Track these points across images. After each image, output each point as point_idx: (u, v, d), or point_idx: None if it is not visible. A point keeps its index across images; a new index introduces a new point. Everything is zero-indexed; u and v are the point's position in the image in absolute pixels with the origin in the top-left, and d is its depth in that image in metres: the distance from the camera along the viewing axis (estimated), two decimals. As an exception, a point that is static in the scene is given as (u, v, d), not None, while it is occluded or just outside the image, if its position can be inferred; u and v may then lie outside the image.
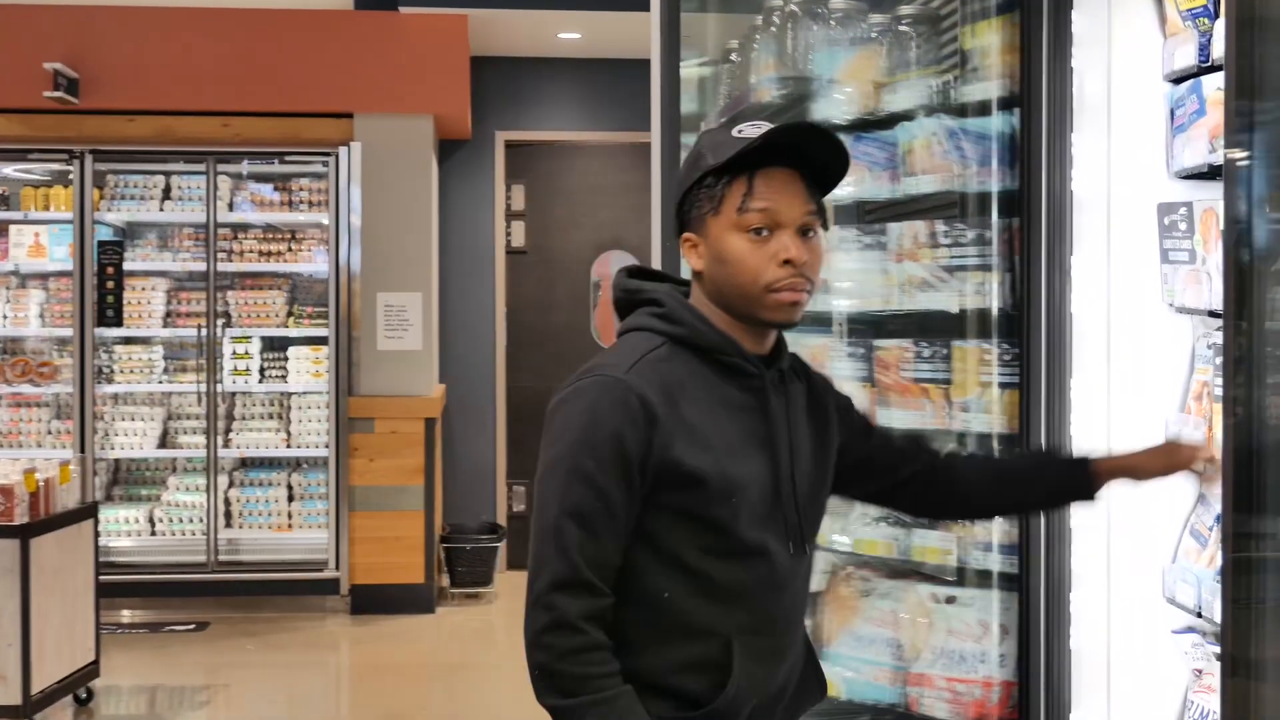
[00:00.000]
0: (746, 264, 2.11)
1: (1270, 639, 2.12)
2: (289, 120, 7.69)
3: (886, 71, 3.37)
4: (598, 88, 8.80)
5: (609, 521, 2.06)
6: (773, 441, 2.17)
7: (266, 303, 7.87)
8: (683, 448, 2.06)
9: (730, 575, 2.12)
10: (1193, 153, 2.76)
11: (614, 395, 2.06)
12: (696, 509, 2.09)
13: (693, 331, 2.16)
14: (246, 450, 7.85)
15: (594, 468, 2.04)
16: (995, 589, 3.19)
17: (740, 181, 2.12)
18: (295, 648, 7.17)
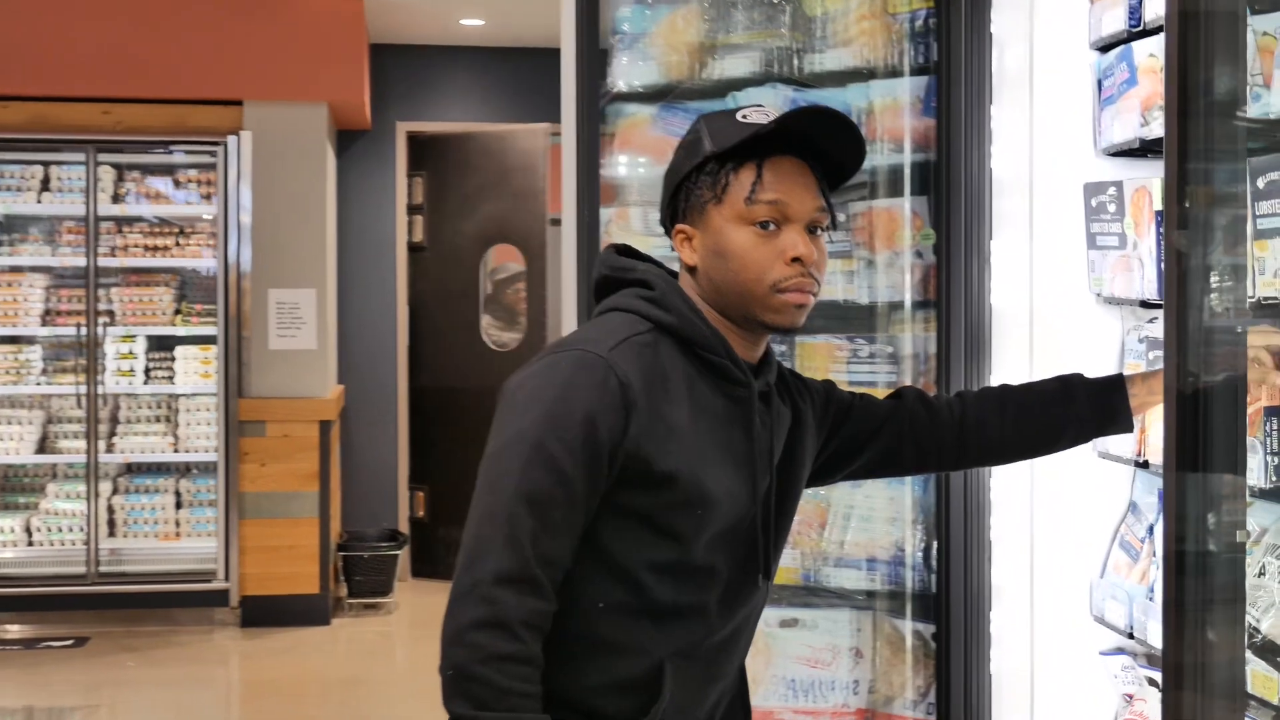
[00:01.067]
0: (751, 259, 1.93)
1: (1217, 649, 1.87)
2: (175, 107, 7.33)
3: (708, 33, 3.10)
4: (502, 77, 8.52)
5: (568, 514, 1.83)
6: (752, 460, 1.97)
7: (153, 300, 7.50)
8: (657, 445, 1.86)
9: (676, 595, 1.91)
10: (1123, 126, 2.52)
11: (593, 374, 1.85)
12: (657, 515, 1.89)
13: (683, 321, 1.94)
14: (131, 455, 7.49)
15: (560, 451, 1.82)
16: (846, 609, 2.95)
17: (749, 169, 1.94)
18: (181, 663, 6.83)
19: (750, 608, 2.03)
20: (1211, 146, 1.80)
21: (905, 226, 2.88)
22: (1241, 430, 1.88)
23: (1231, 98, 1.80)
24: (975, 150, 2.62)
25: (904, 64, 2.88)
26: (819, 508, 3.05)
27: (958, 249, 2.62)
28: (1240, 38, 1.80)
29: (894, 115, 2.92)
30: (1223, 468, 1.82)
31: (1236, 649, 1.85)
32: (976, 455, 2.29)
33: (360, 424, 8.45)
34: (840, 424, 2.18)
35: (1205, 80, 1.80)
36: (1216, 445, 1.81)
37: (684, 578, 1.92)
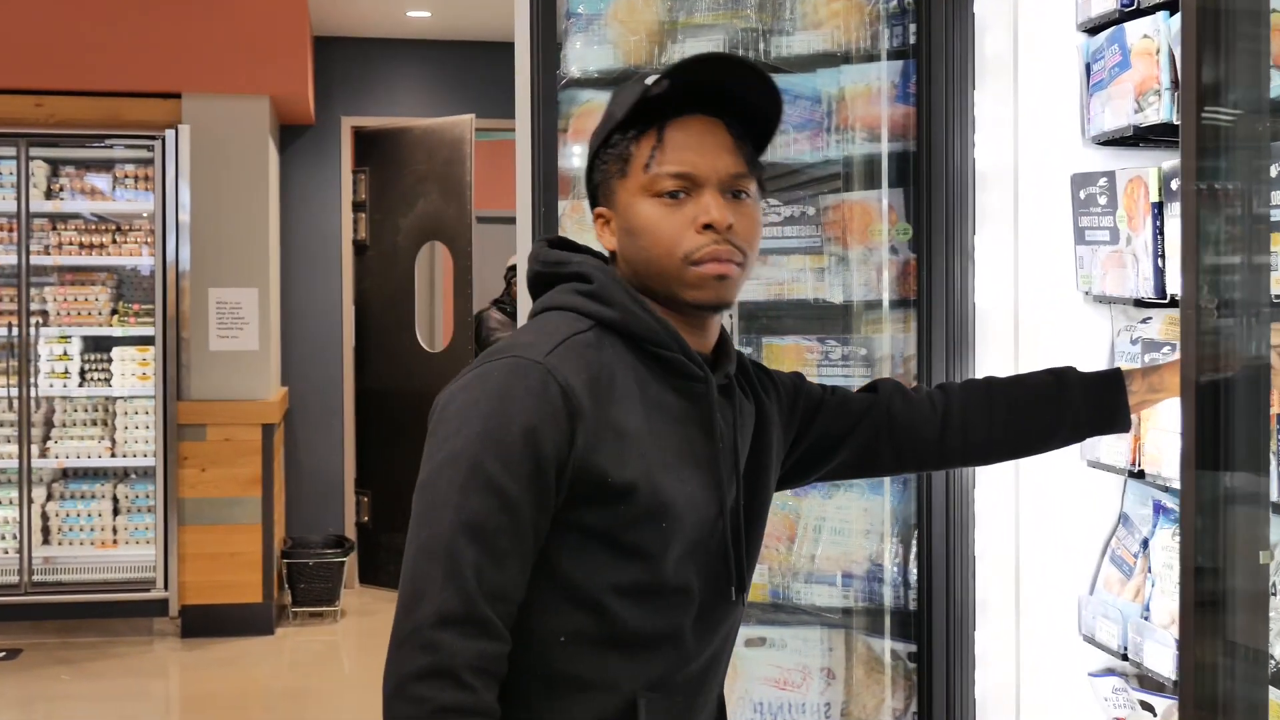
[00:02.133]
0: (659, 232, 1.75)
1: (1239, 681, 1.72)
2: (110, 100, 7.08)
3: (667, 14, 2.93)
4: (449, 70, 8.32)
5: (516, 542, 1.63)
6: (716, 462, 1.77)
7: (88, 299, 7.26)
8: (609, 454, 1.68)
9: (647, 621, 1.73)
10: (1114, 113, 2.37)
11: (529, 382, 1.66)
12: (618, 532, 1.70)
13: (625, 314, 1.75)
14: (66, 460, 7.24)
15: (500, 471, 1.63)
16: (818, 627, 2.79)
17: (649, 136, 1.77)
18: (118, 676, 6.61)
19: (728, 628, 1.84)
20: (1233, 134, 1.64)
21: (880, 220, 2.72)
22: (1265, 441, 1.72)
23: (1255, 82, 1.64)
24: (957, 139, 2.46)
25: (878, 48, 2.72)
26: (788, 520, 2.88)
27: (939, 245, 2.46)
28: (1265, 14, 1.64)
29: (867, 102, 2.76)
30: (1246, 481, 1.66)
31: (1259, 681, 1.69)
32: (961, 454, 2.09)
33: (305, 427, 8.22)
34: (811, 420, 2.00)
35: (1226, 64, 1.64)
36: (1238, 457, 1.66)
37: (655, 601, 1.73)
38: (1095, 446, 2.43)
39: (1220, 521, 1.73)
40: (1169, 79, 2.22)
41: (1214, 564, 1.73)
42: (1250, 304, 1.73)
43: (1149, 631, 2.28)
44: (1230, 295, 1.74)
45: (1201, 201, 1.72)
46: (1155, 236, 2.25)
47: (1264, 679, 1.75)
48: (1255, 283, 1.76)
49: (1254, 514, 1.78)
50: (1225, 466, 1.73)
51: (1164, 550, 2.33)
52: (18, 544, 7.09)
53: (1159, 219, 2.24)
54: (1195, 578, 1.70)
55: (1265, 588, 1.70)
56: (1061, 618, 2.49)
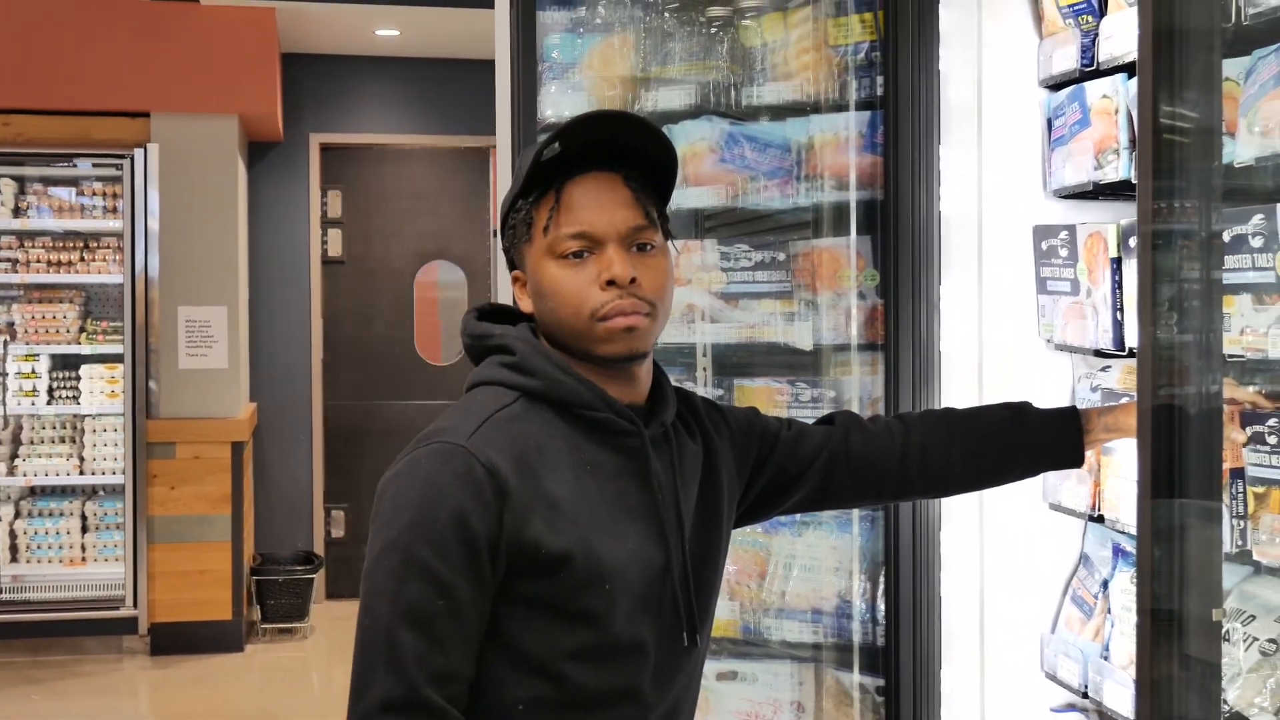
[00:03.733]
0: (565, 292, 1.77)
1: None
2: (79, 119, 7.08)
3: (640, 66, 2.99)
4: (418, 89, 8.35)
5: (454, 624, 1.67)
6: (658, 512, 1.80)
7: (56, 317, 7.25)
8: (541, 526, 1.70)
9: (603, 681, 1.76)
10: (1074, 169, 2.44)
11: (454, 466, 1.69)
12: (562, 600, 1.72)
13: (548, 383, 1.78)
14: (34, 478, 7.23)
15: (432, 557, 1.66)
16: (788, 661, 2.85)
17: (548, 198, 1.79)
18: (87, 694, 6.60)
19: (687, 674, 1.87)
20: (1186, 197, 1.71)
21: (848, 266, 2.78)
22: (1217, 493, 1.80)
23: (1207, 148, 1.72)
24: (923, 189, 2.53)
25: (846, 98, 2.79)
26: (758, 557, 2.94)
27: (905, 291, 2.53)
28: (1215, 80, 1.72)
29: (835, 151, 2.82)
30: (1199, 534, 1.74)
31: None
32: (921, 485, 2.12)
33: (274, 444, 8.23)
34: (768, 455, 2.02)
35: (1179, 128, 1.71)
36: (1192, 510, 1.73)
37: (609, 661, 1.76)
38: (1057, 490, 2.51)
39: (1175, 568, 1.80)
40: (1127, 138, 2.30)
41: (1170, 607, 1.80)
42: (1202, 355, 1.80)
43: (1108, 671, 2.35)
44: (1184, 344, 1.81)
45: (1157, 253, 1.79)
46: (1114, 290, 2.32)
47: None
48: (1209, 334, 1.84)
49: (1208, 562, 1.85)
50: (1180, 516, 1.80)
51: (1123, 592, 2.40)
52: (-14, 562, 7.09)
53: (1118, 273, 2.32)
54: (1152, 621, 1.77)
55: (1218, 641, 1.78)
56: (1024, 655, 2.57)
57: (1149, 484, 1.74)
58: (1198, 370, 1.83)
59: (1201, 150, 1.79)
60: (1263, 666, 2.03)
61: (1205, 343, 1.82)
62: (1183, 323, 1.82)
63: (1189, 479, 1.80)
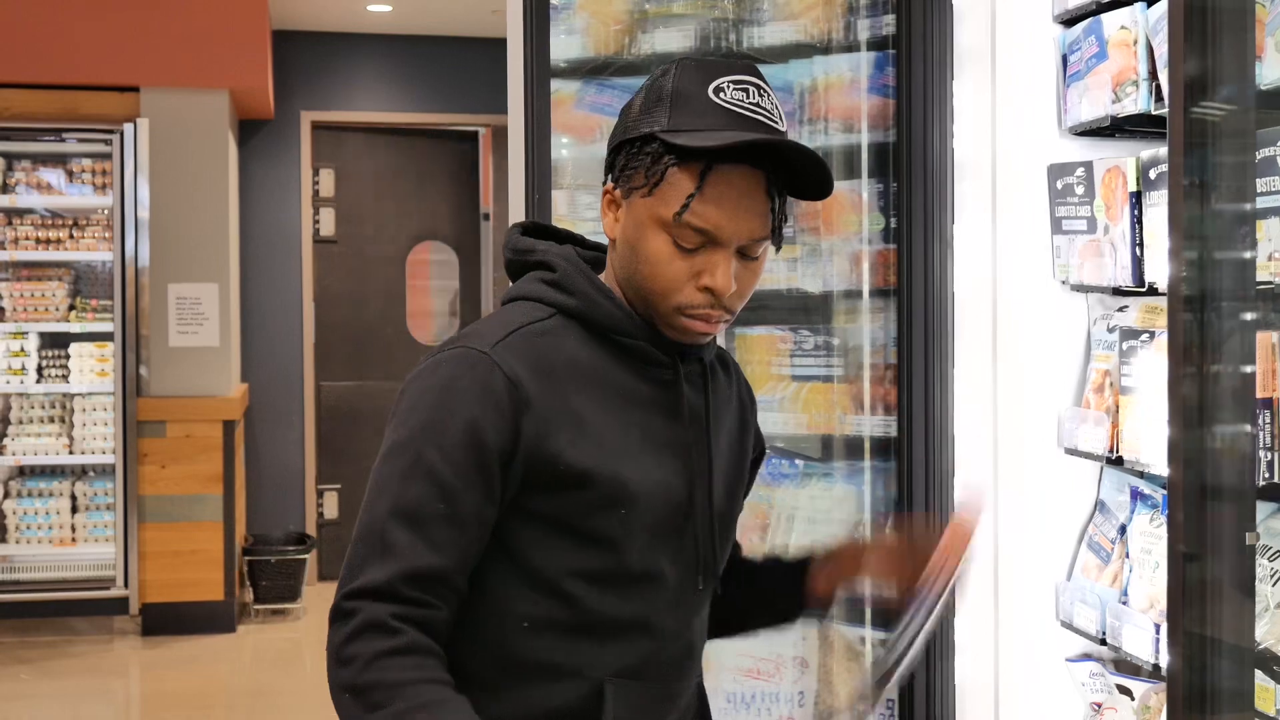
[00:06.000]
0: (660, 272, 1.68)
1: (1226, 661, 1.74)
2: (67, 94, 7.00)
3: (636, 3, 2.92)
4: (411, 67, 8.29)
5: (452, 530, 1.63)
6: (686, 446, 1.75)
7: (45, 295, 7.18)
8: (563, 439, 1.66)
9: (612, 607, 1.71)
10: (1091, 104, 2.39)
11: (475, 374, 1.66)
12: (576, 519, 1.68)
13: (587, 304, 1.73)
14: (23, 458, 7.16)
15: (440, 461, 1.63)
16: None
17: (691, 173, 1.64)
18: (78, 675, 6.54)
19: (701, 620, 1.83)
20: (1219, 124, 1.66)
21: (855, 211, 2.73)
22: (1251, 425, 1.74)
23: (1241, 71, 1.67)
24: (936, 130, 2.47)
25: (851, 39, 2.73)
26: (759, 509, 2.88)
27: (918, 234, 2.47)
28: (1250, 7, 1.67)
29: (840, 93, 2.76)
30: (1232, 466, 1.69)
31: (1245, 663, 1.71)
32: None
33: (265, 424, 8.17)
34: None
35: (1212, 60, 1.66)
36: (1224, 442, 1.68)
37: (623, 587, 1.71)
38: (1073, 434, 2.45)
39: (1207, 507, 1.76)
40: (1146, 69, 2.24)
41: (1199, 550, 1.75)
42: (1235, 291, 1.75)
43: (1127, 616, 2.30)
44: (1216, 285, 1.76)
45: (1188, 193, 1.74)
46: (1133, 226, 2.27)
47: (1250, 662, 1.78)
48: (1239, 272, 1.79)
49: (1239, 489, 1.80)
50: (1211, 445, 1.75)
51: (1141, 536, 2.35)
52: (-25, 543, 7.03)
53: (1137, 208, 2.27)
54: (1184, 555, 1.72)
55: (1251, 570, 1.73)
56: (1039, 604, 2.52)
57: (1180, 412, 1.69)
58: (1230, 297, 1.78)
59: (1235, 69, 1.75)
60: (1291, 603, 1.98)
61: (1238, 275, 1.78)
62: (1214, 247, 1.77)
63: (1220, 408, 1.75)
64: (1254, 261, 1.82)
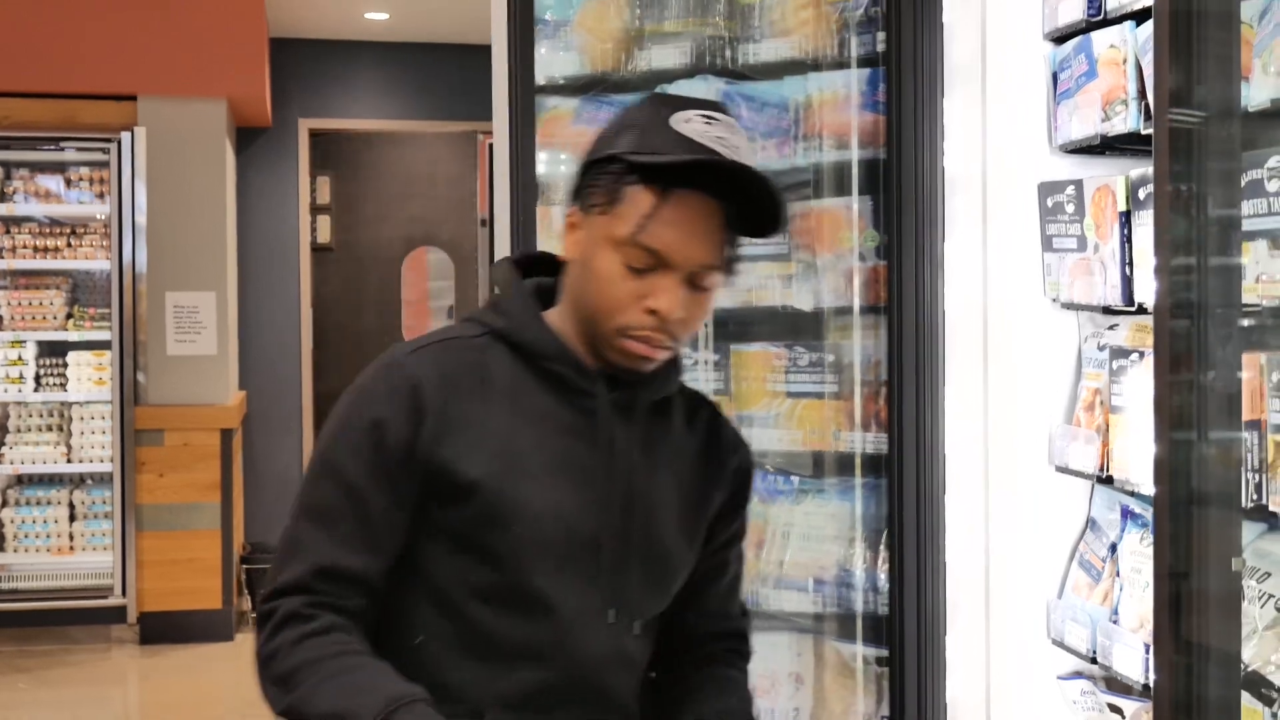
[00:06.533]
0: (608, 292, 1.69)
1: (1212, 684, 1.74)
2: (64, 102, 7.00)
3: (632, 21, 2.93)
4: (408, 74, 8.29)
5: (360, 527, 1.67)
6: (600, 476, 1.74)
7: (43, 303, 7.18)
8: (455, 448, 1.69)
9: (502, 628, 1.71)
10: (1081, 122, 2.39)
11: (385, 379, 1.73)
12: (469, 533, 1.70)
13: (514, 326, 1.76)
14: (21, 466, 7.15)
15: (346, 460, 1.70)
16: (786, 632, 2.80)
17: (648, 196, 1.66)
18: (76, 684, 6.52)
19: (611, 655, 1.76)
20: (1205, 144, 1.66)
21: (848, 228, 2.73)
22: (1236, 446, 1.74)
23: (1227, 91, 1.67)
24: (926, 147, 2.47)
25: (845, 56, 2.73)
26: (755, 525, 2.88)
27: (909, 251, 2.47)
28: (1235, 25, 1.67)
29: (834, 109, 2.77)
30: (1218, 488, 1.69)
31: (1232, 685, 1.71)
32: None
33: (263, 431, 8.17)
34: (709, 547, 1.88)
35: (1198, 74, 1.66)
36: (1211, 464, 1.68)
37: (511, 607, 1.71)
38: (1064, 452, 2.45)
39: (1193, 527, 1.75)
40: (1135, 88, 2.24)
41: (1186, 569, 1.75)
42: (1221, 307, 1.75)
43: (1117, 635, 2.30)
44: (1202, 299, 1.76)
45: (1174, 207, 1.74)
46: (1123, 245, 2.27)
47: (1236, 681, 1.78)
48: (1226, 286, 1.79)
49: (1226, 517, 1.80)
50: (1197, 471, 1.75)
51: (1132, 555, 2.35)
52: (-27, 551, 7.03)
53: (1126, 227, 2.27)
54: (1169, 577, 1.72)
55: (1238, 592, 1.73)
56: (1030, 621, 2.52)
57: (1168, 430, 1.69)
58: (1216, 319, 1.78)
59: (1221, 93, 1.75)
60: (1278, 624, 1.98)
61: (1224, 289, 1.78)
62: (1201, 273, 1.77)
63: (1207, 429, 1.75)
64: (1240, 283, 1.82)
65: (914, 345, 2.49)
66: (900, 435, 2.49)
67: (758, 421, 2.85)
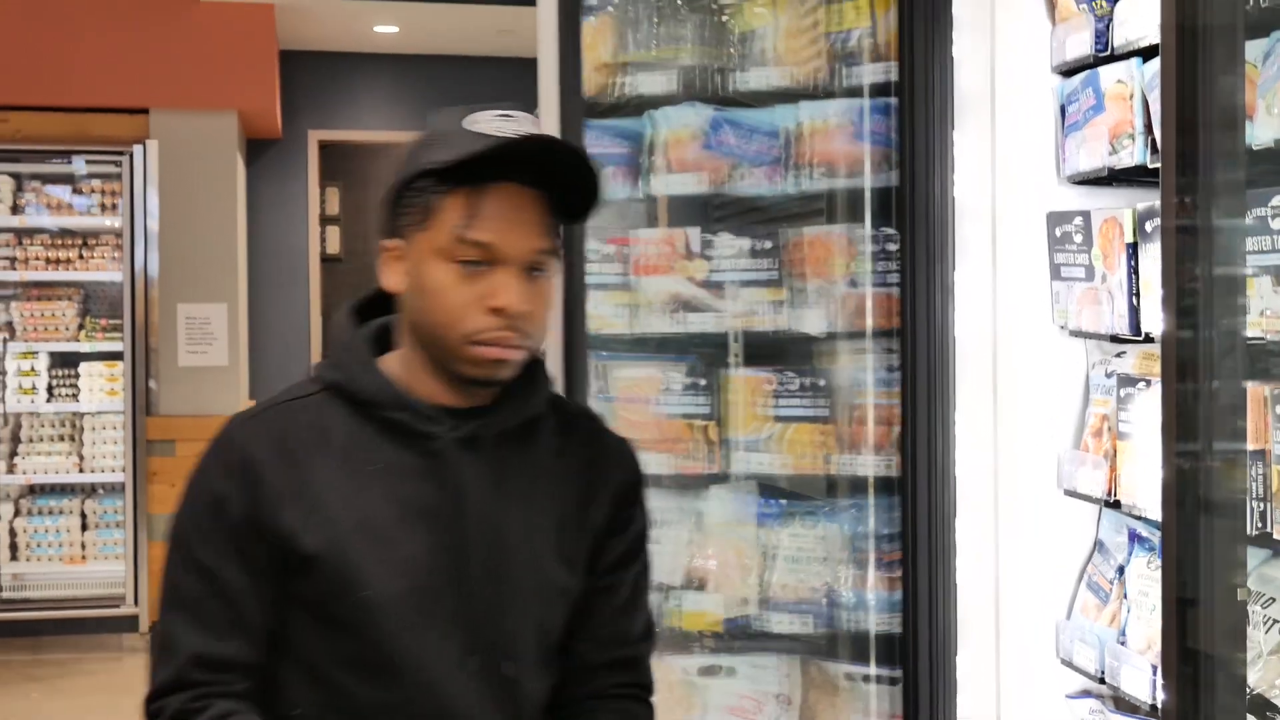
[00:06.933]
0: (447, 302, 1.67)
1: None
2: (77, 116, 7.08)
3: (618, 47, 2.97)
4: (417, 85, 8.36)
5: (225, 609, 1.66)
6: (454, 520, 1.70)
7: (55, 315, 7.25)
8: (294, 520, 1.66)
9: (367, 694, 1.68)
10: (1089, 154, 2.44)
11: (220, 453, 1.71)
12: (319, 602, 1.68)
13: (347, 378, 1.73)
14: (34, 476, 7.22)
15: (196, 545, 1.68)
16: (773, 654, 2.84)
17: (462, 197, 1.67)
18: (88, 693, 6.56)
19: (476, 703, 1.72)
20: (1211, 180, 1.71)
21: (840, 254, 2.78)
22: (1241, 479, 1.80)
23: (1231, 128, 1.72)
24: (938, 176, 2.52)
25: (835, 85, 2.78)
26: (740, 548, 2.91)
27: (921, 278, 2.52)
28: (1239, 64, 1.72)
29: (824, 138, 2.81)
30: (1223, 516, 1.74)
31: (1237, 709, 1.77)
32: None
33: (273, 441, 8.22)
34: (596, 570, 1.83)
35: (1205, 111, 1.71)
36: (1218, 491, 1.73)
37: (374, 671, 1.68)
38: (1072, 476, 2.50)
39: (1200, 548, 1.80)
40: (1142, 123, 2.30)
41: (1194, 596, 1.80)
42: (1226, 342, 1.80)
43: (1125, 656, 2.35)
44: (1209, 333, 1.82)
45: (1180, 247, 1.79)
46: (1130, 275, 2.32)
47: (1242, 704, 1.83)
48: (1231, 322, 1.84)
49: (1232, 543, 1.85)
50: (1203, 499, 1.80)
51: (1139, 578, 2.40)
52: (-14, 561, 7.08)
53: (1133, 258, 2.32)
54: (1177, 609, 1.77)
55: (1243, 620, 1.78)
56: (1040, 642, 2.56)
57: (1173, 463, 1.74)
58: (1221, 353, 1.83)
59: (1226, 133, 1.80)
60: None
61: (1230, 326, 1.83)
62: (1206, 307, 1.82)
63: (1212, 460, 1.80)
64: (1245, 319, 1.88)
65: (925, 370, 2.54)
66: (914, 458, 2.53)
67: (746, 445, 2.88)
